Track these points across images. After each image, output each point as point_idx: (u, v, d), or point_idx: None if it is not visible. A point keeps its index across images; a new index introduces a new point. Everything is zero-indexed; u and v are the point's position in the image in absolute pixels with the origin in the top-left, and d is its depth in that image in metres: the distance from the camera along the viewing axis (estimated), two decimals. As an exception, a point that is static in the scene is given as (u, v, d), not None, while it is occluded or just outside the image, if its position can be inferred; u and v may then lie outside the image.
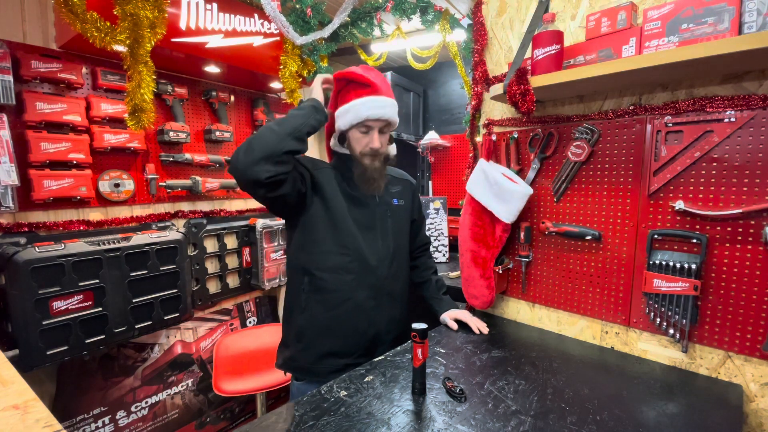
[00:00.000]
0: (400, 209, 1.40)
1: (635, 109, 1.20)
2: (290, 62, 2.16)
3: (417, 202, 1.50)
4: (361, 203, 1.30)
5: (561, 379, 1.08)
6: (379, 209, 1.33)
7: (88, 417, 1.83)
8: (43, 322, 1.53)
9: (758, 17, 0.90)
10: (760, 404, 1.05)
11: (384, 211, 1.34)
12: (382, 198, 1.34)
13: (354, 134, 1.27)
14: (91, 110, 1.76)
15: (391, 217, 1.35)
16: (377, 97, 1.23)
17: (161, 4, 1.53)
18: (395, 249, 1.35)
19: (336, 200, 1.26)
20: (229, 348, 2.13)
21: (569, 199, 1.38)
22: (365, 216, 1.30)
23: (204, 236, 2.24)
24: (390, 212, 1.36)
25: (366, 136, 1.26)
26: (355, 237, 1.26)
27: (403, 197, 1.42)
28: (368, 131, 1.26)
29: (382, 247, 1.31)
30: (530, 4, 1.43)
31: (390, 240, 1.33)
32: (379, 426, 0.87)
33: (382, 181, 1.31)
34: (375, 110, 1.22)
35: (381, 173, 1.30)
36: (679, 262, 1.12)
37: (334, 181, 1.29)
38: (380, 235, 1.32)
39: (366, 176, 1.27)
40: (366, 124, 1.24)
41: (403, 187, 1.44)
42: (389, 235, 1.34)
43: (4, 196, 1.52)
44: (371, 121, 1.24)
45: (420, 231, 1.54)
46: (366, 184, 1.28)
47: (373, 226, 1.31)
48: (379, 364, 1.17)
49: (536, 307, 1.50)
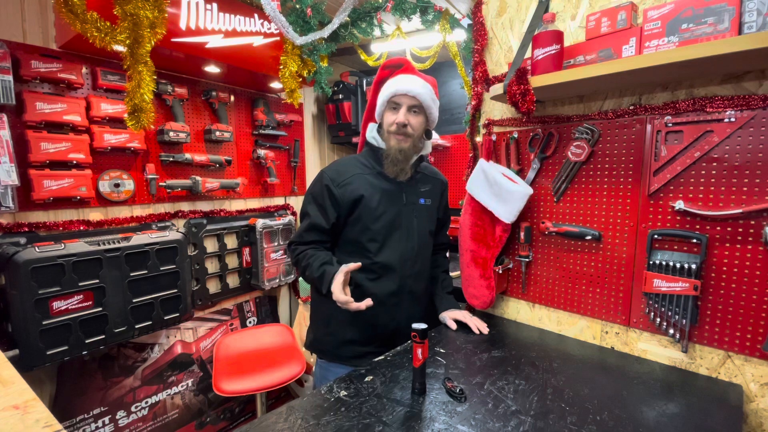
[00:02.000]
0: (427, 209, 1.42)
1: (635, 109, 1.20)
2: (290, 62, 2.16)
3: (444, 202, 1.52)
4: (389, 202, 1.32)
5: (561, 379, 1.08)
6: (405, 209, 1.34)
7: (88, 417, 1.83)
8: (43, 322, 1.53)
9: (758, 17, 0.90)
10: (760, 404, 1.05)
11: (411, 210, 1.36)
12: (410, 197, 1.36)
13: (386, 116, 1.31)
14: (91, 110, 1.76)
15: (417, 217, 1.37)
16: (408, 75, 1.29)
17: (161, 4, 1.53)
18: (419, 248, 1.37)
19: (368, 201, 1.29)
20: (229, 348, 2.13)
21: (569, 199, 1.37)
22: (393, 215, 1.32)
23: (204, 236, 2.24)
24: (416, 212, 1.37)
25: (394, 113, 1.28)
26: (381, 238, 1.30)
27: (431, 197, 1.43)
28: (397, 108, 1.28)
29: (407, 247, 1.34)
30: (530, 4, 1.43)
31: (415, 240, 1.35)
32: (379, 426, 0.87)
33: (407, 166, 1.32)
34: (402, 85, 1.26)
35: (407, 156, 1.31)
36: (679, 262, 1.12)
37: (363, 182, 1.30)
38: (406, 234, 1.34)
39: (391, 157, 1.29)
40: (394, 100, 1.28)
41: (433, 186, 1.45)
42: (415, 235, 1.35)
43: (4, 196, 1.52)
44: (399, 95, 1.27)
45: (442, 230, 1.56)
46: (392, 166, 1.30)
47: (400, 226, 1.33)
48: (379, 364, 1.17)
49: (536, 307, 1.50)
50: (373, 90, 1.42)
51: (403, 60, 1.35)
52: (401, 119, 1.26)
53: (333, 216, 1.29)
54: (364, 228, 1.30)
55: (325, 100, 3.04)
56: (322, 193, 1.30)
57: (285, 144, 2.73)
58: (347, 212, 1.30)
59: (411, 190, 1.37)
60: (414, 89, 1.26)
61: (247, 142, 2.51)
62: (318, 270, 1.22)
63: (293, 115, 2.75)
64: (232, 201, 2.44)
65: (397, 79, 1.29)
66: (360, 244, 1.31)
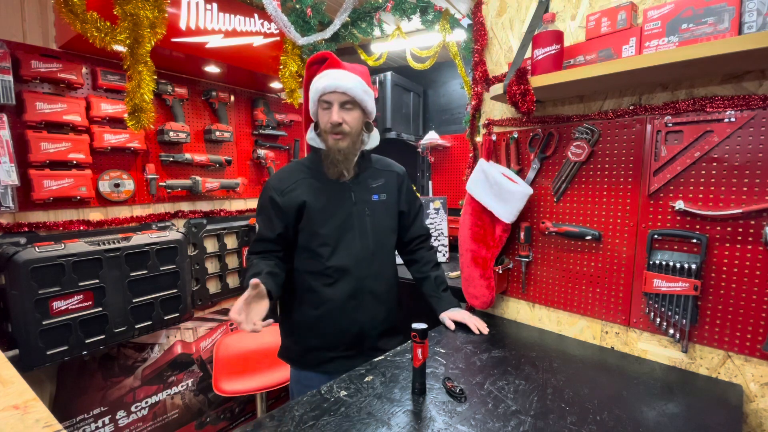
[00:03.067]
0: (382, 205, 1.36)
1: (635, 109, 1.20)
2: (290, 62, 2.16)
3: (406, 193, 1.44)
4: (336, 203, 1.28)
5: (561, 379, 1.08)
6: (356, 208, 1.30)
7: (88, 417, 1.83)
8: (43, 322, 1.53)
9: (758, 17, 0.90)
10: (760, 404, 1.05)
11: (362, 209, 1.31)
12: (359, 196, 1.31)
13: (320, 115, 1.26)
14: (91, 110, 1.76)
15: (369, 215, 1.32)
16: (335, 70, 1.22)
17: (161, 4, 1.53)
18: (375, 248, 1.32)
19: (313, 206, 1.26)
20: (229, 348, 2.13)
21: (569, 199, 1.38)
22: (342, 217, 1.28)
23: (204, 236, 2.24)
24: (369, 210, 1.32)
25: (327, 112, 1.23)
26: (332, 241, 1.27)
27: (386, 191, 1.37)
28: (329, 107, 1.23)
29: (361, 248, 1.29)
30: (530, 4, 1.43)
31: (369, 239, 1.31)
32: (379, 426, 0.87)
33: (348, 165, 1.26)
34: (330, 81, 1.20)
35: (347, 156, 1.26)
36: (679, 262, 1.12)
37: (306, 188, 1.27)
38: (359, 234, 1.30)
39: (330, 158, 1.25)
40: (324, 98, 1.22)
41: (387, 180, 1.38)
42: (368, 234, 1.31)
43: (4, 196, 1.52)
44: (328, 93, 1.21)
45: (415, 222, 1.48)
46: (331, 167, 1.25)
47: (351, 227, 1.29)
48: (379, 364, 1.17)
49: (536, 307, 1.50)
50: (305, 89, 1.33)
51: (327, 54, 1.26)
52: (335, 119, 1.20)
53: (279, 226, 1.27)
54: (312, 233, 1.27)
55: (325, 100, 3.03)
56: (267, 204, 1.28)
57: (285, 144, 2.73)
58: (294, 220, 1.27)
59: (360, 188, 1.31)
60: (342, 84, 1.19)
61: (247, 142, 2.51)
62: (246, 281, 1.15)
63: (293, 115, 2.75)
64: (232, 201, 2.44)
65: (323, 76, 1.22)
66: (311, 250, 1.28)
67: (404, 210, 1.43)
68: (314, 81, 1.24)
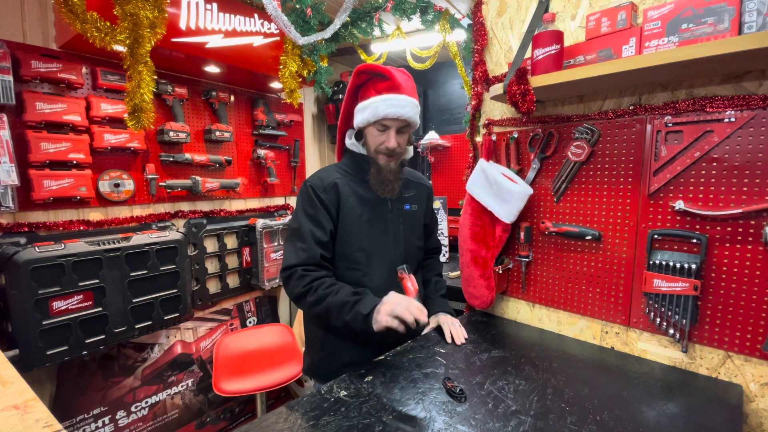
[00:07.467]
0: (413, 215, 1.37)
1: (635, 109, 1.20)
2: (290, 62, 2.16)
3: (430, 207, 1.48)
4: (374, 210, 1.27)
5: (561, 379, 1.08)
6: (391, 215, 1.30)
7: (88, 417, 1.83)
8: (43, 322, 1.53)
9: (758, 17, 0.90)
10: (760, 404, 1.05)
11: (396, 217, 1.31)
12: (395, 204, 1.31)
13: (371, 131, 1.24)
14: (91, 110, 1.76)
15: (403, 224, 1.32)
16: (397, 95, 1.19)
17: (161, 4, 1.53)
18: (406, 256, 1.32)
19: (353, 209, 1.23)
20: (229, 348, 2.13)
21: (569, 199, 1.38)
22: (379, 224, 1.27)
23: (204, 236, 2.24)
24: (402, 218, 1.33)
25: (382, 135, 1.23)
26: (368, 248, 1.24)
27: (416, 202, 1.38)
28: (385, 130, 1.22)
29: (395, 256, 1.29)
30: (530, 4, 1.43)
31: (402, 247, 1.31)
32: (379, 426, 0.87)
33: (397, 184, 1.27)
34: (393, 109, 1.18)
35: (396, 175, 1.27)
36: (679, 262, 1.12)
37: (347, 190, 1.24)
38: (393, 242, 1.29)
39: (381, 177, 1.24)
40: (383, 122, 1.21)
41: (418, 192, 1.40)
42: (401, 243, 1.31)
43: (4, 196, 1.52)
44: (389, 120, 1.20)
45: (431, 236, 1.53)
46: (381, 186, 1.25)
47: (386, 234, 1.28)
48: (379, 364, 1.17)
49: (536, 307, 1.50)
50: (348, 96, 1.29)
51: (385, 71, 1.20)
52: (393, 144, 1.21)
53: (329, 224, 1.21)
54: (350, 237, 1.23)
55: (325, 100, 3.04)
56: (313, 203, 1.21)
57: (285, 144, 2.73)
58: (336, 219, 1.23)
59: (396, 197, 1.31)
60: (405, 113, 1.19)
61: (247, 142, 2.51)
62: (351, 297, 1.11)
63: (293, 115, 2.75)
64: (232, 201, 2.44)
65: (385, 100, 1.18)
66: (347, 255, 1.24)
67: (427, 223, 1.47)
68: (375, 103, 1.19)
